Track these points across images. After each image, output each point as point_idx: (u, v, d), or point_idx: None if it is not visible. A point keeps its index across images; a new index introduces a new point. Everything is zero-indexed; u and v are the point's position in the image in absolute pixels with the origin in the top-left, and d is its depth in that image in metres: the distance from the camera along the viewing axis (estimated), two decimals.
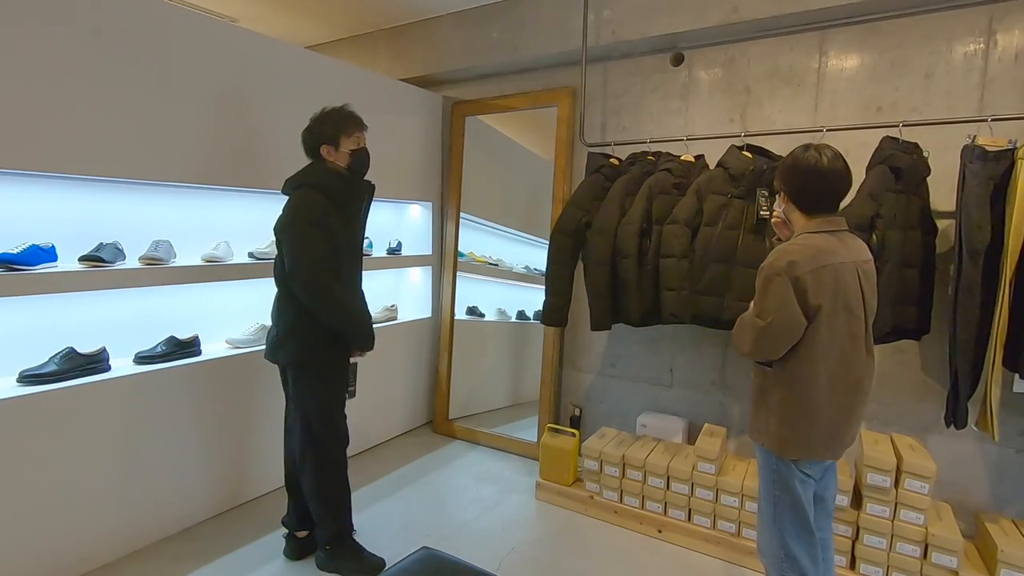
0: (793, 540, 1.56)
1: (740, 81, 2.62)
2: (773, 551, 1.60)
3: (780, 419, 1.54)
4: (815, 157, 1.51)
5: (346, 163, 2.02)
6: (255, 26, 3.37)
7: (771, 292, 1.46)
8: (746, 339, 1.53)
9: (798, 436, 1.52)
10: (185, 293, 2.43)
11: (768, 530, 1.62)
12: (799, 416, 1.51)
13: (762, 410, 1.59)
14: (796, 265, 1.44)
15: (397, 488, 2.77)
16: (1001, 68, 2.13)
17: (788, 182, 1.57)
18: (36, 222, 2.01)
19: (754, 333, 1.50)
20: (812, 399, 1.50)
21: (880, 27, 2.32)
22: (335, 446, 2.11)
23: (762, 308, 1.48)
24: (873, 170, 2.06)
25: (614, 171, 2.63)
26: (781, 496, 1.57)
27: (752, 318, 1.52)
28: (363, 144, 2.05)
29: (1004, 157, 1.90)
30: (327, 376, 2.07)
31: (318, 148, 2.00)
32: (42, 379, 1.93)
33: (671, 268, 2.30)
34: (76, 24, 1.92)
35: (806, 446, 1.53)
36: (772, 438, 1.55)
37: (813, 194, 1.54)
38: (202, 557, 2.18)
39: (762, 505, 1.64)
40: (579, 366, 3.17)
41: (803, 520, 1.56)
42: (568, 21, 2.89)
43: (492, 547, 2.32)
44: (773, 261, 1.49)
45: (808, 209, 1.56)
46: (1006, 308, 1.84)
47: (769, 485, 1.60)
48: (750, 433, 1.64)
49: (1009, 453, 2.17)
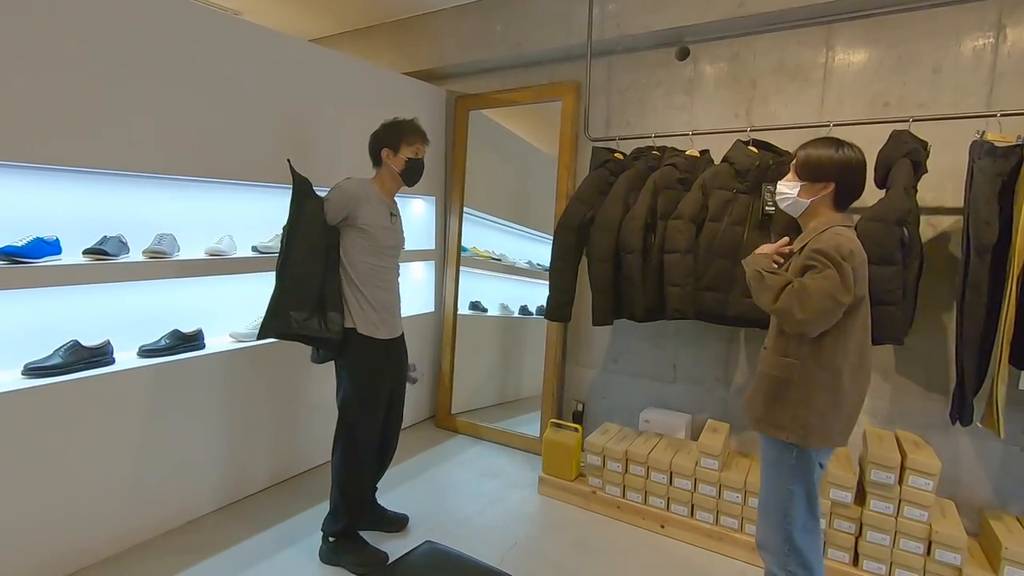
0: (800, 533, 1.56)
1: (746, 76, 2.61)
2: (776, 546, 1.60)
3: (807, 409, 1.52)
4: (855, 155, 1.53)
5: (400, 168, 2.14)
6: (259, 19, 3.36)
7: (848, 272, 1.43)
8: (815, 311, 1.43)
9: (824, 425, 1.51)
10: (189, 287, 2.43)
11: (773, 524, 1.61)
12: (827, 405, 1.51)
13: (781, 403, 1.56)
14: (854, 255, 1.46)
15: (400, 482, 2.78)
16: (1010, 63, 2.11)
17: (844, 181, 1.54)
18: (40, 215, 2.01)
19: (828, 304, 1.42)
20: (840, 388, 1.50)
21: (887, 21, 2.30)
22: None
23: (844, 284, 1.43)
24: (900, 163, 2.01)
25: (618, 166, 2.62)
26: (795, 490, 1.56)
27: (828, 290, 1.42)
28: (421, 155, 2.18)
29: (1013, 153, 1.88)
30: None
31: (380, 150, 2.13)
32: (46, 372, 1.93)
33: (675, 263, 2.29)
34: (79, 17, 1.91)
35: (829, 435, 1.53)
36: (796, 429, 1.53)
37: (855, 191, 1.56)
38: (206, 550, 2.18)
39: (768, 500, 1.63)
40: (582, 361, 3.17)
41: (814, 512, 1.57)
42: (572, 15, 2.87)
43: (494, 542, 2.33)
44: (838, 245, 1.46)
45: (844, 205, 1.58)
46: (1013, 305, 1.83)
47: (783, 480, 1.58)
48: (763, 428, 1.60)
49: (1014, 451, 2.16)
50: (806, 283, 1.45)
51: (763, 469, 1.66)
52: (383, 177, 2.17)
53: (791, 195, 1.61)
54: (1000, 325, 1.85)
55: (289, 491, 2.67)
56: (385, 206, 2.15)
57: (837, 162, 1.54)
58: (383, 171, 2.16)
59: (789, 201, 1.62)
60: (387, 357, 2.19)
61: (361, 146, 2.18)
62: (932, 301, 2.21)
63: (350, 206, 2.04)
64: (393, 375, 2.24)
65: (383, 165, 2.15)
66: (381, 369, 2.16)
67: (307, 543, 2.25)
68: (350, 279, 2.07)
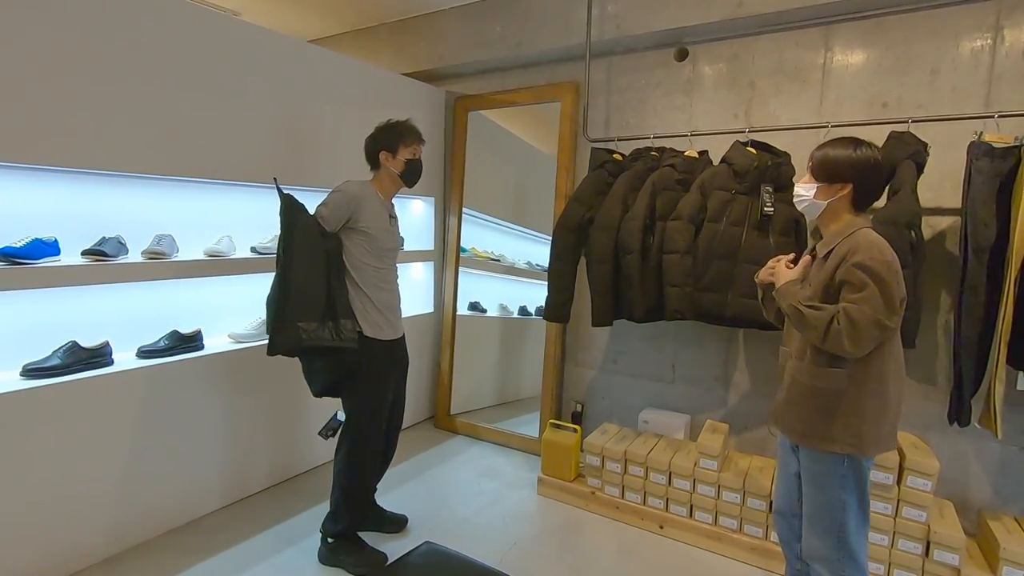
0: (854, 538, 1.51)
1: (745, 76, 2.61)
2: (828, 553, 1.54)
3: (859, 419, 1.46)
4: (873, 154, 1.49)
5: (400, 170, 2.14)
6: (258, 19, 3.36)
7: (895, 290, 1.38)
8: (863, 340, 1.39)
9: (879, 432, 1.48)
10: (188, 287, 2.43)
11: (822, 533, 1.54)
12: (877, 411, 1.47)
13: (831, 415, 1.49)
14: (895, 261, 1.41)
15: (399, 483, 2.78)
16: (1008, 64, 2.11)
17: (862, 181, 1.49)
18: (39, 216, 2.00)
19: (876, 332, 1.38)
20: (888, 392, 1.47)
21: (886, 22, 2.30)
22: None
23: (889, 306, 1.38)
24: (905, 165, 2.00)
25: (617, 167, 2.62)
26: (848, 500, 1.51)
27: (874, 316, 1.37)
28: (419, 156, 2.18)
29: (1011, 154, 1.89)
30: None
31: (378, 153, 2.13)
32: (45, 373, 1.93)
33: (674, 264, 2.29)
34: (78, 18, 1.91)
35: (880, 440, 1.49)
36: (849, 440, 1.47)
37: (874, 191, 1.53)
38: (207, 550, 2.18)
39: (818, 512, 1.55)
40: (581, 362, 3.17)
41: (866, 516, 1.53)
42: (572, 15, 2.88)
43: (494, 542, 2.33)
44: (882, 255, 1.39)
45: (863, 206, 1.53)
46: (1011, 306, 1.83)
47: (834, 491, 1.52)
48: (811, 443, 1.52)
49: (1012, 451, 2.17)
50: (852, 315, 1.38)
51: (807, 481, 1.58)
52: (382, 179, 2.16)
53: (807, 197, 1.55)
54: (998, 326, 1.86)
55: (288, 492, 2.67)
56: (385, 208, 2.15)
57: (854, 162, 1.49)
58: (382, 174, 2.16)
59: (805, 203, 1.57)
60: (391, 357, 2.19)
61: (360, 147, 2.18)
62: (930, 302, 2.22)
63: (352, 207, 2.03)
64: (396, 375, 2.25)
65: (382, 168, 2.15)
66: (386, 370, 2.17)
67: (306, 544, 2.25)
68: (354, 282, 2.06)
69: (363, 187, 2.10)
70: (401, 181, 2.16)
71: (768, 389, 2.62)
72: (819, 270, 1.52)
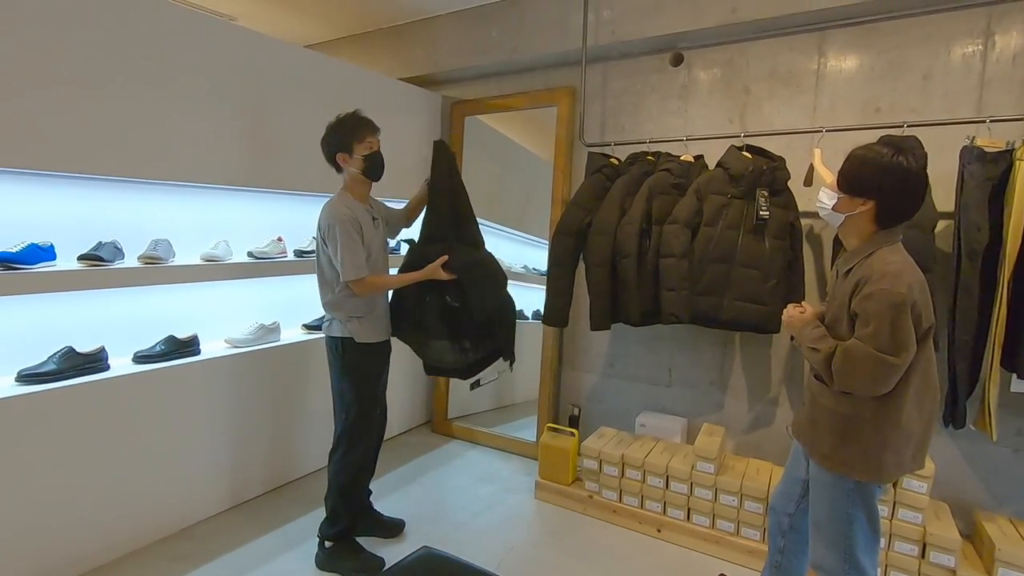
0: (862, 551, 1.47)
1: (739, 81, 2.63)
2: (834, 565, 1.51)
3: (879, 448, 1.41)
4: (911, 165, 1.34)
5: (360, 168, 2.04)
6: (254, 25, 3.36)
7: (903, 325, 1.30)
8: (866, 377, 1.33)
9: (897, 459, 1.41)
10: (184, 292, 2.42)
11: (831, 547, 1.51)
12: (896, 438, 1.40)
13: (851, 441, 1.44)
14: (913, 289, 1.32)
15: (396, 487, 2.77)
16: (999, 69, 2.14)
17: (887, 197, 1.36)
18: (35, 221, 2.00)
19: (882, 370, 1.31)
20: (901, 419, 1.39)
21: (878, 28, 2.33)
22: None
23: (895, 343, 1.30)
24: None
25: (614, 171, 2.63)
26: (856, 513, 1.46)
27: (876, 355, 1.31)
28: (376, 148, 2.07)
29: (1002, 158, 1.91)
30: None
31: (335, 157, 2.04)
32: (41, 378, 1.92)
33: (671, 268, 2.30)
34: (74, 22, 1.91)
35: (904, 465, 1.44)
36: (869, 470, 1.42)
37: (902, 214, 1.39)
38: (200, 556, 2.17)
39: (824, 522, 1.53)
40: (578, 366, 3.17)
41: (876, 529, 1.49)
42: (568, 21, 2.89)
43: (491, 546, 2.32)
44: (893, 287, 1.31)
45: (892, 223, 1.40)
46: (1004, 309, 1.85)
47: (840, 504, 1.48)
48: (831, 466, 1.47)
49: (1006, 452, 2.18)
50: (849, 350, 1.34)
51: (815, 489, 1.55)
52: (351, 184, 2.09)
53: (827, 206, 1.45)
54: (991, 328, 1.87)
55: (285, 497, 2.66)
56: (368, 213, 2.12)
57: (884, 171, 1.34)
58: (347, 177, 2.09)
59: (824, 212, 1.47)
60: (382, 359, 2.21)
61: None
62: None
63: (357, 226, 2.00)
64: (385, 376, 2.26)
65: (344, 171, 2.07)
66: (380, 372, 2.19)
67: (303, 549, 2.24)
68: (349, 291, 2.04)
69: (344, 200, 2.04)
70: (366, 179, 2.08)
71: (764, 392, 2.63)
72: (840, 287, 1.46)
